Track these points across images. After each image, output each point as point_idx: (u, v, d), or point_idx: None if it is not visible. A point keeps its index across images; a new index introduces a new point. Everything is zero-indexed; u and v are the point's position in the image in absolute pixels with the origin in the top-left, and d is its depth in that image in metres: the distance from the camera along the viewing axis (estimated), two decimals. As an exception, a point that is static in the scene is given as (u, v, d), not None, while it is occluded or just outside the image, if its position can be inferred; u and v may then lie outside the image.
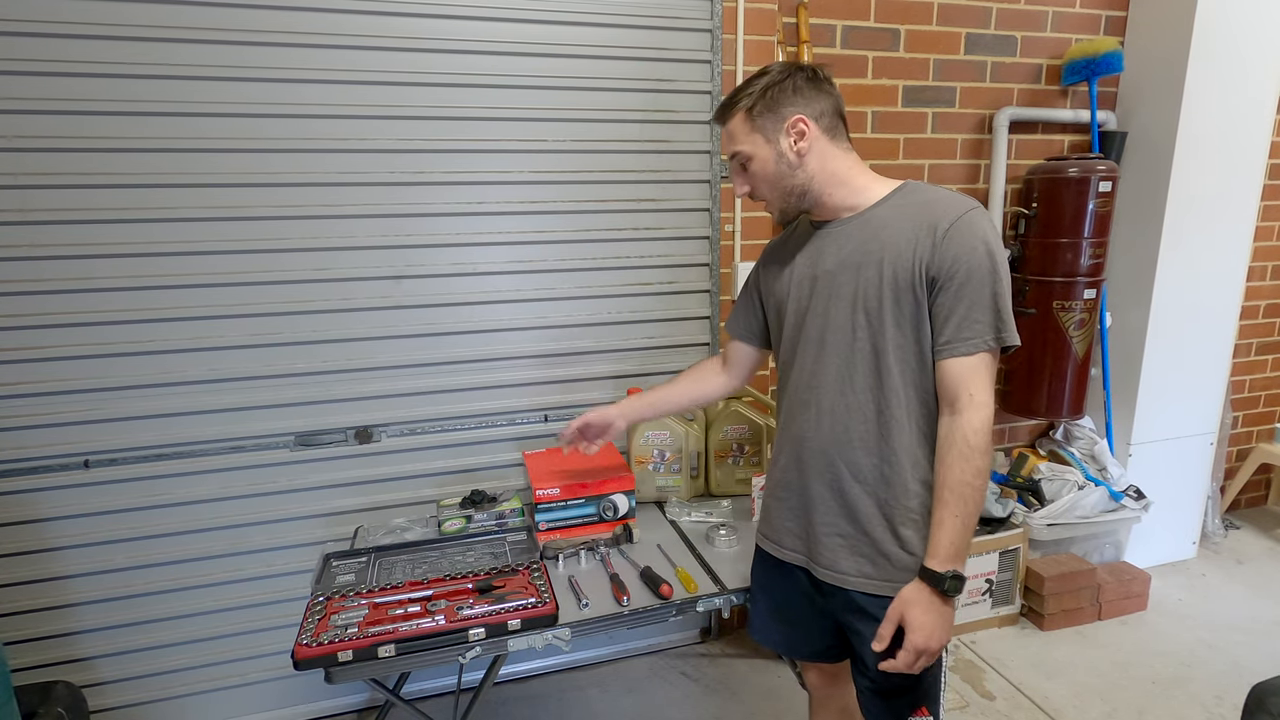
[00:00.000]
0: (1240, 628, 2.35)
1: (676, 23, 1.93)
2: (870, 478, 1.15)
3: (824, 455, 1.18)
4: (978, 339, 1.06)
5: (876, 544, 1.16)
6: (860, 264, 1.13)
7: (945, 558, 1.06)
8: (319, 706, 2.01)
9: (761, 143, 1.16)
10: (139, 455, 1.74)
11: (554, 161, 1.90)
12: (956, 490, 1.05)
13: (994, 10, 2.32)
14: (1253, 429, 3.14)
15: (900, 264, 1.09)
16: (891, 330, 1.11)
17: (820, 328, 1.18)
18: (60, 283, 1.63)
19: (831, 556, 1.19)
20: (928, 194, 1.13)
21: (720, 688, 2.10)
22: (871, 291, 1.12)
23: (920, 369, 1.11)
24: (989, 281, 1.05)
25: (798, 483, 1.24)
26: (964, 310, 1.06)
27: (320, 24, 1.68)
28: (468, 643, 1.27)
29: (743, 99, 1.16)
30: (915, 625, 1.07)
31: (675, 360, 2.12)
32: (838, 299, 1.16)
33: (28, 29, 1.52)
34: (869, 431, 1.14)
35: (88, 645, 1.79)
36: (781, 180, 1.17)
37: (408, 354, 1.88)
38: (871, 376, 1.13)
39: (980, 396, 1.06)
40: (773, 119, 1.15)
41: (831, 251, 1.18)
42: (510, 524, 1.71)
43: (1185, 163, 2.36)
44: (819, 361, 1.19)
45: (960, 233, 1.05)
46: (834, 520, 1.19)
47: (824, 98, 1.15)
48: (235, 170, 1.68)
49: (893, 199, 1.15)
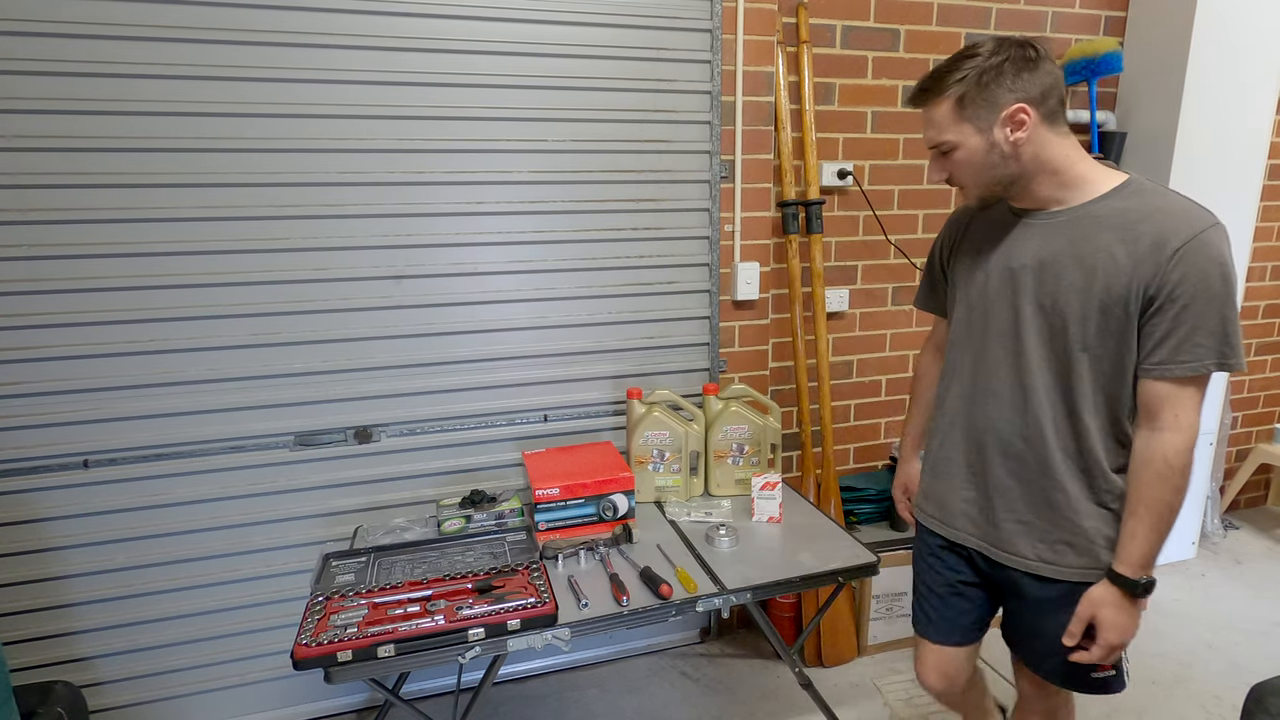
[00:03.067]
0: (1239, 628, 2.35)
1: (676, 23, 1.93)
2: (1061, 473, 1.14)
3: (1009, 446, 1.18)
4: (1196, 362, 1.01)
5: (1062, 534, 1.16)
6: (1066, 266, 1.08)
7: (1138, 566, 1.07)
8: (318, 706, 2.01)
9: (971, 133, 1.07)
10: (138, 455, 1.74)
11: (554, 161, 1.90)
12: (1154, 507, 1.05)
13: (994, 10, 2.32)
14: (1252, 429, 3.14)
15: (1115, 278, 1.03)
16: (1093, 341, 1.07)
17: (1009, 324, 1.15)
18: (59, 282, 1.63)
19: (1011, 540, 1.21)
20: (1158, 200, 1.04)
21: (720, 688, 2.10)
22: (1075, 299, 1.07)
23: (1115, 378, 1.08)
24: (1218, 306, 0.99)
25: (978, 465, 1.23)
26: (1185, 333, 1.00)
27: (320, 24, 1.68)
28: (467, 643, 1.27)
29: (951, 85, 1.05)
30: (1110, 624, 1.09)
31: (675, 360, 2.12)
32: (1035, 299, 1.12)
33: (28, 29, 1.52)
34: (1059, 431, 1.13)
35: (87, 645, 1.79)
36: (990, 171, 1.09)
37: (408, 354, 1.88)
38: (1063, 379, 1.11)
39: (1186, 418, 1.03)
40: (987, 108, 1.05)
41: (1033, 247, 1.12)
42: (510, 524, 1.71)
43: (1185, 163, 2.36)
44: (1002, 358, 1.17)
45: (1194, 254, 0.98)
46: (1016, 507, 1.19)
47: (1044, 77, 1.04)
48: (235, 170, 1.68)
49: (1114, 198, 1.07)
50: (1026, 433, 1.16)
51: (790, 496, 1.90)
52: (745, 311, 2.16)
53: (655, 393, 1.91)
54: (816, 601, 2.17)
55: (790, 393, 2.30)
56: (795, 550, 1.61)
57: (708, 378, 2.15)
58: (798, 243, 2.17)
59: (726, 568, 1.53)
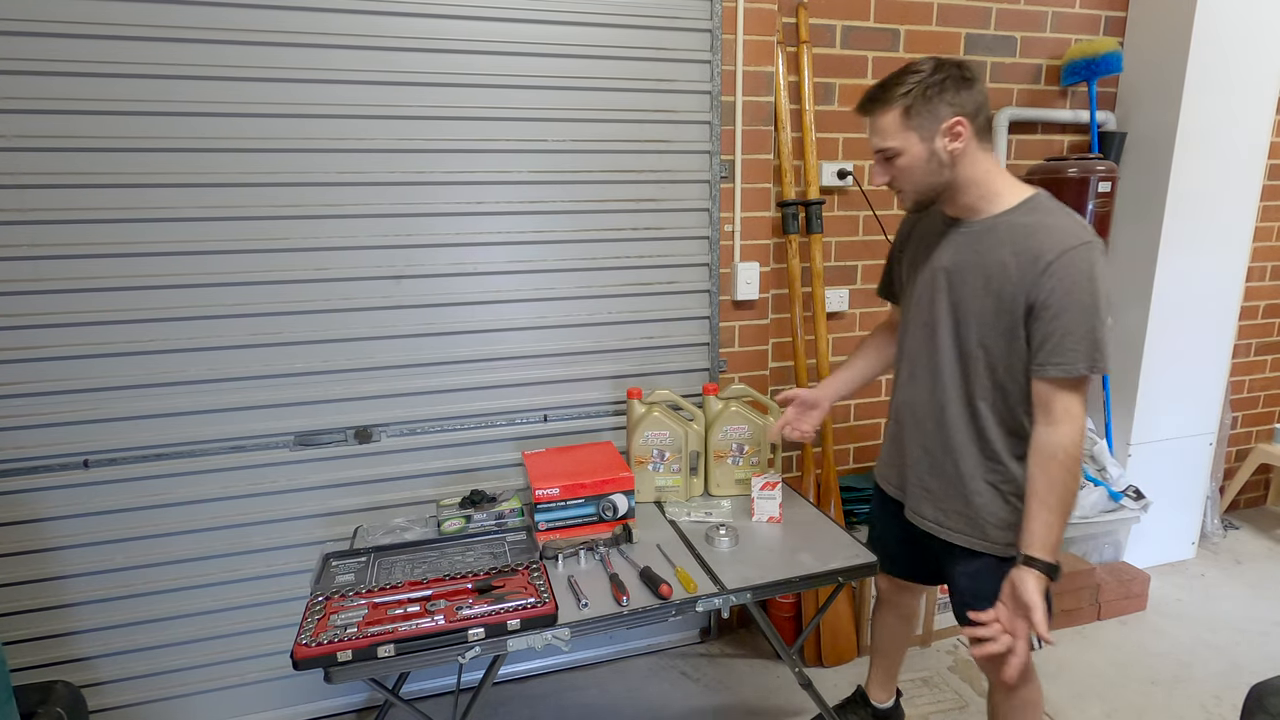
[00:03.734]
0: (1239, 628, 2.35)
1: (676, 23, 1.93)
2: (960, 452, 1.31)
3: (921, 423, 1.37)
4: (1069, 365, 1.15)
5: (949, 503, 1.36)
6: (971, 273, 1.24)
7: (1051, 551, 1.19)
8: (318, 706, 2.01)
9: (915, 141, 1.18)
10: (138, 455, 1.74)
11: (554, 161, 1.90)
12: (1062, 496, 1.17)
13: (994, 10, 2.32)
14: (1252, 429, 3.14)
15: (1005, 285, 1.18)
16: (988, 339, 1.23)
17: (930, 318, 1.32)
18: (59, 282, 1.63)
19: (915, 501, 1.41)
20: (1047, 218, 1.18)
21: (720, 688, 2.10)
22: (975, 302, 1.23)
23: (1007, 373, 1.23)
24: (1087, 316, 1.13)
25: (901, 438, 1.44)
26: (1058, 338, 1.14)
27: (320, 24, 1.68)
28: (467, 643, 1.27)
29: (899, 96, 1.17)
30: (1033, 604, 1.17)
31: (675, 360, 2.12)
32: (945, 297, 1.28)
33: (28, 29, 1.52)
34: (959, 415, 1.30)
35: (87, 645, 1.79)
36: (928, 177, 1.21)
37: (408, 354, 1.88)
38: (964, 370, 1.28)
39: (1073, 410, 1.17)
40: (930, 119, 1.17)
41: (951, 251, 1.28)
42: (510, 524, 1.71)
43: (1185, 163, 2.36)
44: (922, 346, 1.35)
45: (1065, 268, 1.12)
46: (923, 475, 1.39)
47: (978, 96, 1.18)
48: (235, 170, 1.68)
49: (1015, 213, 1.21)
50: (935, 414, 1.34)
51: (790, 496, 1.89)
52: (745, 311, 2.16)
53: (655, 393, 1.91)
54: (816, 601, 2.17)
55: (790, 393, 2.30)
56: (795, 550, 1.61)
57: (708, 378, 2.15)
58: (798, 243, 2.17)
59: (726, 568, 1.53)
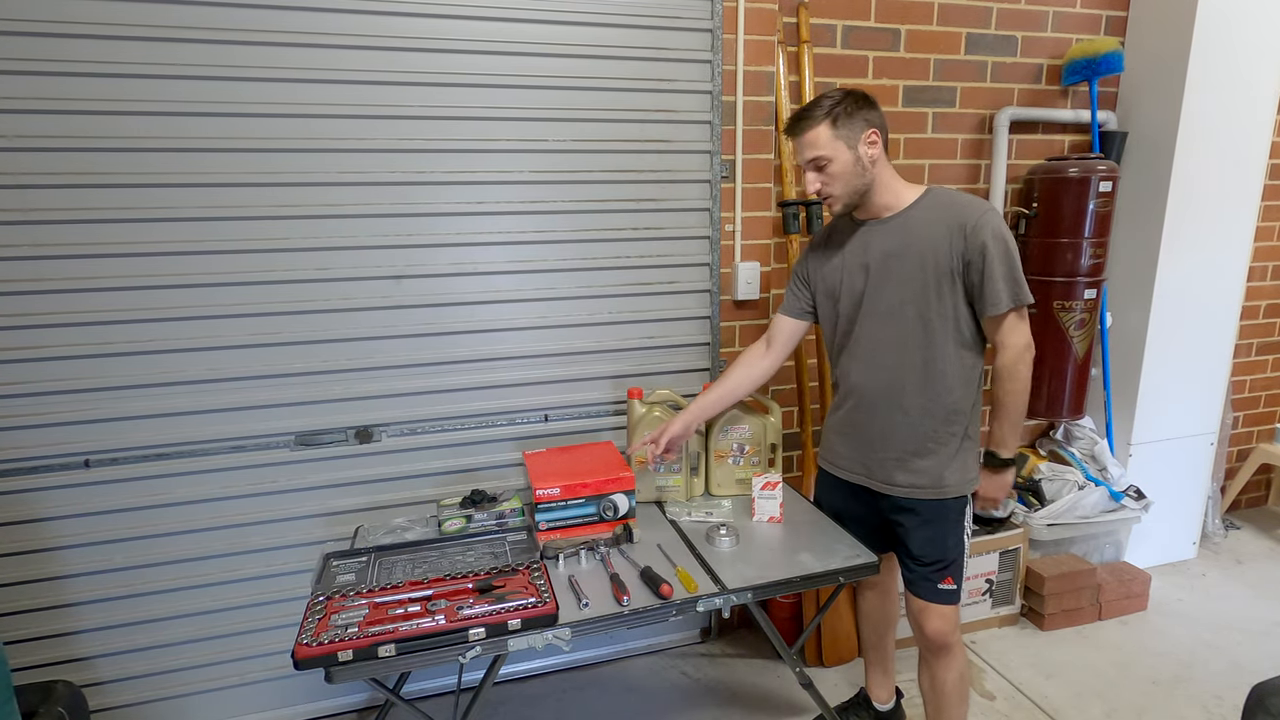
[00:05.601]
0: (1240, 628, 2.35)
1: (676, 23, 1.93)
2: (916, 415, 1.50)
3: (883, 401, 1.53)
4: (1005, 300, 1.40)
5: (916, 463, 1.53)
6: (905, 254, 1.45)
7: (1004, 446, 1.52)
8: (319, 706, 2.01)
9: (844, 148, 1.42)
10: (139, 455, 1.74)
11: (554, 161, 1.90)
12: (1014, 403, 1.48)
13: (994, 10, 2.32)
14: (1253, 429, 3.14)
15: (940, 253, 1.42)
16: (934, 302, 1.44)
17: (877, 303, 1.50)
18: (60, 282, 1.63)
19: (886, 473, 1.56)
20: (952, 198, 1.46)
21: (720, 688, 2.10)
22: (916, 275, 1.44)
23: (957, 328, 1.46)
24: (1005, 260, 1.39)
25: (863, 421, 1.58)
26: (990, 282, 1.39)
27: (320, 24, 1.68)
28: (468, 642, 1.27)
29: (825, 112, 1.41)
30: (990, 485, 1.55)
31: (675, 360, 2.12)
32: (890, 281, 1.47)
33: (28, 29, 1.52)
34: (918, 380, 1.48)
35: (88, 645, 1.79)
36: (856, 180, 1.45)
37: (408, 354, 1.88)
38: (921, 337, 1.47)
39: (1015, 338, 1.44)
40: (853, 129, 1.42)
41: (878, 244, 1.49)
42: (510, 524, 1.71)
43: (1185, 162, 2.36)
44: (879, 329, 1.51)
45: (982, 228, 1.39)
46: (888, 447, 1.54)
47: (880, 115, 1.45)
48: (235, 170, 1.68)
49: (924, 202, 1.47)
50: (904, 384, 1.50)
51: (790, 496, 1.89)
52: (746, 311, 2.16)
53: (655, 392, 1.91)
54: (817, 601, 2.17)
55: (790, 393, 2.30)
56: (795, 550, 1.60)
57: (708, 377, 2.15)
58: (798, 242, 2.17)
59: (727, 567, 1.53)
